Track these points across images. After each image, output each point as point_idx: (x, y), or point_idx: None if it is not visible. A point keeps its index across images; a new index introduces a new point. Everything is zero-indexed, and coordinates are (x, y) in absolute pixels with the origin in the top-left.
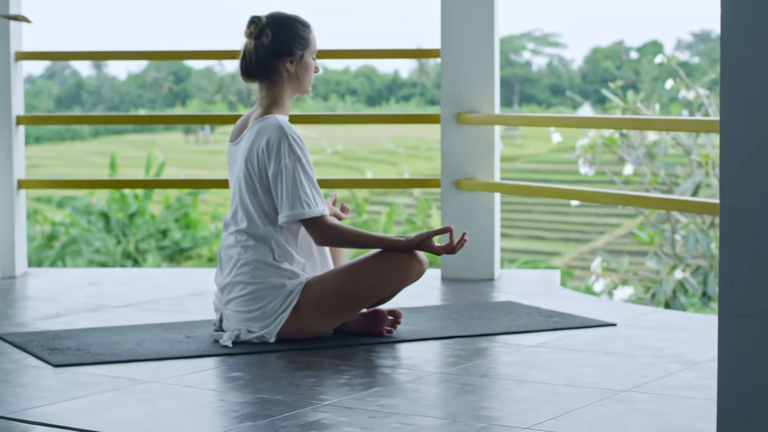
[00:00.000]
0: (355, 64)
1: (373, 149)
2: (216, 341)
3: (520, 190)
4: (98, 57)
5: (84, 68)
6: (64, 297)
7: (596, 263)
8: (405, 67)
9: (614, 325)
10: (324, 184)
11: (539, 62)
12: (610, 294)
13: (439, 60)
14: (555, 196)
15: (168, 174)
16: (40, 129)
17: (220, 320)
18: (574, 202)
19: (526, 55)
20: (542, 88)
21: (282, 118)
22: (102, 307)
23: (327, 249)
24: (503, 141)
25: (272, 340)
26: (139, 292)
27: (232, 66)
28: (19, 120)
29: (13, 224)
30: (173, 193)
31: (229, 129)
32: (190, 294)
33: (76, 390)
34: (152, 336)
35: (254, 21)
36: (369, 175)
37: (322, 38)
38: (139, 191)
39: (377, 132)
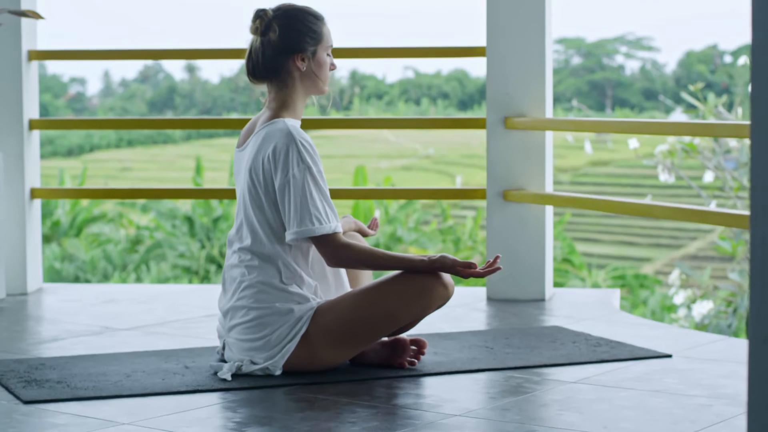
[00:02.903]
0: (446, 68)
1: (464, 153)
2: (216, 373)
3: (572, 203)
4: (117, 56)
5: (177, 72)
6: (70, 318)
7: (674, 275)
8: None
9: (669, 356)
10: (365, 194)
11: (632, 66)
12: (689, 307)
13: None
14: (608, 209)
15: None
16: (132, 132)
17: (224, 348)
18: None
19: (619, 59)
20: (635, 92)
21: (291, 123)
22: (106, 329)
23: (343, 270)
24: (594, 145)
25: (277, 372)
26: (152, 312)
27: None
28: (33, 124)
29: (24, 236)
30: None
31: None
32: (205, 315)
33: None
34: (147, 366)
35: (259, 15)
36: (459, 180)
37: (368, 40)
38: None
39: (469, 136)
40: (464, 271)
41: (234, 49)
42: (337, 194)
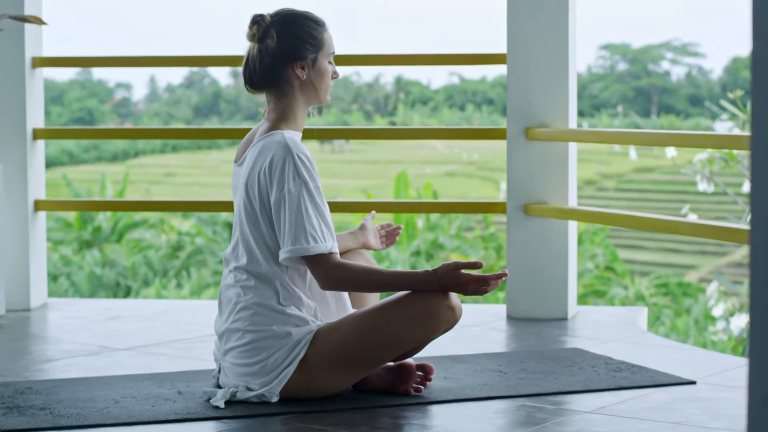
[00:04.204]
0: (491, 73)
1: None
2: (209, 400)
3: (596, 218)
4: (127, 63)
5: (222, 77)
6: (69, 336)
7: (712, 287)
8: None
9: (693, 383)
10: (380, 207)
11: (678, 72)
12: (727, 320)
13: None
14: (632, 226)
15: None
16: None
17: (219, 373)
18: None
19: (665, 65)
20: (681, 98)
21: (290, 135)
22: (105, 349)
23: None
24: (639, 152)
25: (274, 399)
26: (155, 330)
27: (370, 75)
28: (37, 134)
29: (27, 249)
30: None
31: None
32: (209, 334)
33: None
34: (138, 391)
35: (256, 21)
36: (503, 187)
37: (403, 46)
38: None
39: None
40: (466, 276)
41: None
42: (354, 207)
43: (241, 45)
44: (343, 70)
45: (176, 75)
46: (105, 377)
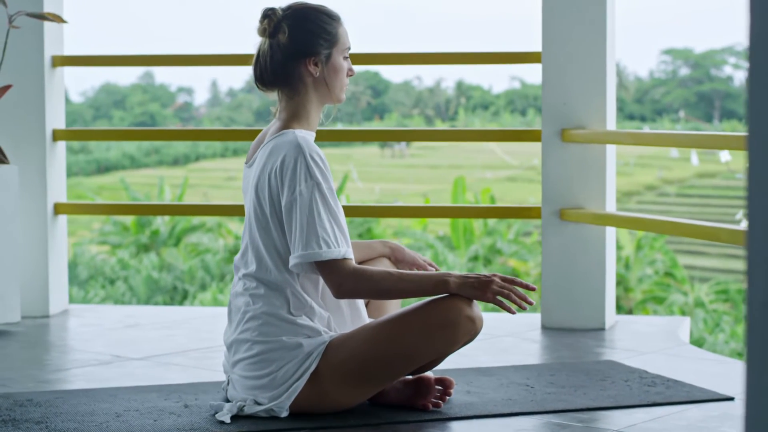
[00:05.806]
0: None
1: None
2: (215, 414)
3: (634, 224)
4: (143, 62)
5: None
6: (84, 344)
7: None
8: None
9: (731, 399)
10: (417, 211)
11: (741, 77)
12: None
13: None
14: (670, 233)
15: (351, 188)
16: (237, 141)
17: (228, 385)
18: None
19: (728, 70)
20: (743, 103)
21: (302, 134)
22: (117, 359)
23: (360, 300)
24: (702, 157)
25: (283, 414)
26: (173, 339)
27: (431, 80)
28: (57, 135)
29: (46, 254)
30: None
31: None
32: None
33: None
34: (143, 404)
35: (267, 15)
36: None
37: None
38: None
39: None
40: (495, 273)
41: None
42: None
43: (252, 43)
44: (374, 70)
45: (238, 79)
46: (111, 388)
